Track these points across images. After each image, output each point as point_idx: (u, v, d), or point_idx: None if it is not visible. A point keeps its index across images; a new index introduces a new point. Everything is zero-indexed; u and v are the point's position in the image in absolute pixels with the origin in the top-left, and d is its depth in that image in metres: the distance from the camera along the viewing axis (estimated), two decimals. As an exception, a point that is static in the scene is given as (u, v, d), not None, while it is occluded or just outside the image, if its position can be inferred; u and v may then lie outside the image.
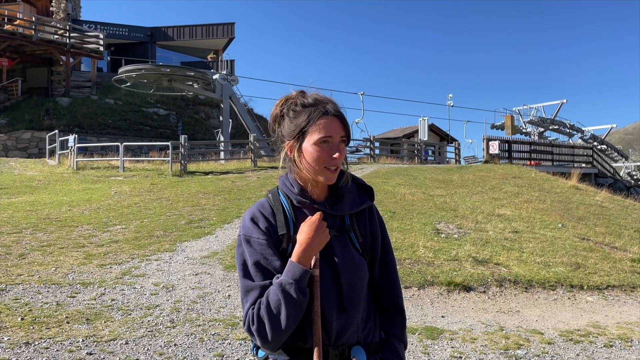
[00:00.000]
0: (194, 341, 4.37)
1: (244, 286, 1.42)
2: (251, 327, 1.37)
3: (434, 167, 19.44)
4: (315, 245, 1.38)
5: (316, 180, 1.46)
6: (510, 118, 32.92)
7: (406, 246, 7.69)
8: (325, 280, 1.42)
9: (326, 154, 1.41)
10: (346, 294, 1.43)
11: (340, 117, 1.44)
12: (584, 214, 11.81)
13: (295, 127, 1.44)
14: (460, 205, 11.21)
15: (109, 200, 11.01)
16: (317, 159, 1.41)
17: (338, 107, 1.46)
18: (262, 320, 1.35)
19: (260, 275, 1.41)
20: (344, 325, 1.43)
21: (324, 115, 1.42)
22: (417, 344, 4.63)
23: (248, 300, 1.40)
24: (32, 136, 21.53)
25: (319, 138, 1.41)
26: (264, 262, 1.42)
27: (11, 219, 8.94)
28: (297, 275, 1.34)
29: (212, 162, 19.04)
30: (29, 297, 5.23)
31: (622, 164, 38.84)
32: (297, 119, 1.44)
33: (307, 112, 1.43)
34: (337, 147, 1.42)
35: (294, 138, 1.45)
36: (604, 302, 6.44)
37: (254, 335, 1.37)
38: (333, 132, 1.42)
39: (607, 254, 8.37)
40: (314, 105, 1.44)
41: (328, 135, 1.41)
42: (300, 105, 1.45)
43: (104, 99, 25.62)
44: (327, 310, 1.41)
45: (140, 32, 33.11)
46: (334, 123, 1.42)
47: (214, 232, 8.35)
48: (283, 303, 1.33)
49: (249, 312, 1.38)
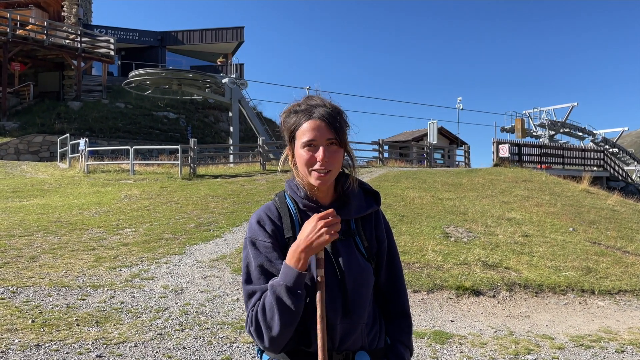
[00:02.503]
0: (202, 344, 4.39)
1: (246, 289, 1.43)
2: (250, 328, 1.38)
3: (443, 170, 19.36)
4: (304, 246, 1.32)
5: (310, 184, 1.46)
6: (520, 121, 32.74)
7: (415, 250, 7.66)
8: (329, 284, 1.41)
9: (311, 157, 1.42)
10: (350, 298, 1.43)
11: (326, 121, 1.43)
12: (595, 217, 11.70)
13: (287, 133, 1.49)
14: (470, 208, 11.15)
15: (119, 203, 11.08)
16: (304, 162, 1.43)
17: (328, 111, 1.45)
18: (259, 323, 1.35)
19: (263, 278, 1.41)
20: (348, 329, 1.43)
21: (308, 119, 1.44)
22: (426, 349, 4.61)
23: (250, 302, 1.41)
24: (43, 140, 21.73)
25: (304, 142, 1.43)
26: (267, 265, 1.42)
27: (23, 222, 9.03)
28: (288, 277, 1.32)
29: (221, 165, 19.10)
30: (39, 300, 5.28)
31: (634, 167, 38.41)
32: (288, 124, 1.48)
33: (295, 118, 1.46)
34: (321, 151, 1.41)
35: (288, 143, 1.50)
36: (616, 307, 6.37)
37: (253, 336, 1.38)
38: (316, 135, 1.42)
39: (618, 259, 8.28)
40: (303, 110, 1.46)
41: (311, 139, 1.42)
42: (293, 112, 1.48)
43: (115, 103, 25.82)
44: (331, 314, 1.41)
45: (151, 37, 33.35)
46: (317, 126, 1.43)
47: (222, 236, 8.38)
48: (275, 306, 1.32)
49: (249, 313, 1.39)
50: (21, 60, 25.46)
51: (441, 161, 28.63)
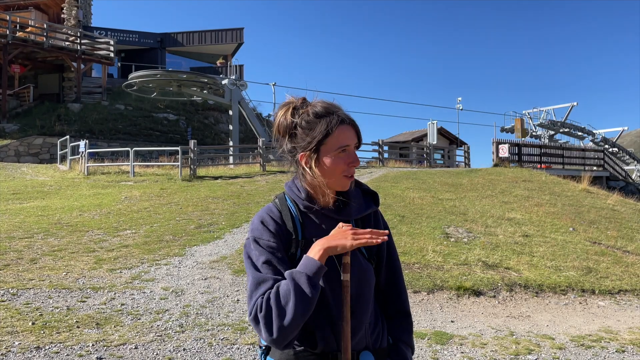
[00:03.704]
0: (202, 346, 4.38)
1: (255, 278, 1.38)
2: (258, 314, 1.31)
3: (443, 170, 19.36)
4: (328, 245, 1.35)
5: (330, 188, 1.46)
6: (520, 121, 32.77)
7: (415, 250, 7.66)
8: (333, 284, 1.42)
9: (344, 163, 1.43)
10: (353, 298, 1.43)
11: (353, 124, 1.46)
12: (595, 217, 11.70)
13: (311, 139, 1.43)
14: (470, 209, 11.15)
15: (119, 205, 11.09)
16: (336, 169, 1.43)
17: (348, 114, 1.47)
18: (270, 308, 1.31)
19: (271, 271, 1.39)
20: (352, 329, 1.43)
21: (341, 124, 1.43)
22: (427, 349, 4.61)
23: (259, 290, 1.36)
24: (43, 142, 21.75)
25: (339, 147, 1.42)
26: (275, 261, 1.40)
27: (23, 224, 9.03)
28: (309, 267, 1.32)
29: (222, 166, 19.10)
30: (39, 302, 5.28)
31: (634, 167, 38.41)
32: (313, 131, 1.43)
33: (324, 123, 1.42)
34: (353, 155, 1.45)
35: (310, 150, 1.43)
36: (616, 307, 6.37)
37: (260, 323, 1.31)
38: (350, 140, 1.43)
39: (619, 258, 8.28)
40: (328, 114, 1.43)
41: (346, 145, 1.43)
42: (313, 115, 1.44)
43: (115, 105, 25.84)
44: (335, 314, 1.41)
45: (150, 38, 33.35)
46: (349, 131, 1.44)
47: (223, 237, 8.38)
48: (292, 292, 1.29)
49: (257, 300, 1.34)
50: (21, 63, 25.48)
51: (441, 161, 28.63)
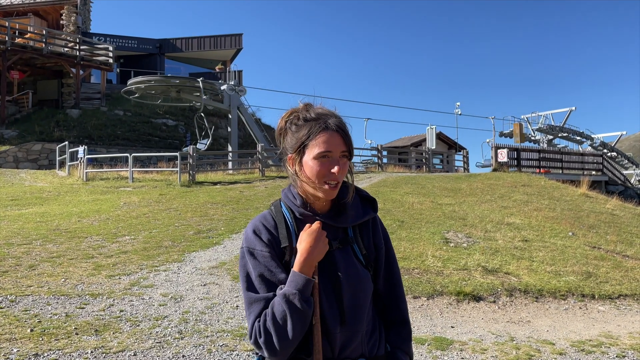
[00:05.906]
0: (202, 352, 4.36)
1: (247, 298, 1.42)
2: (258, 340, 1.36)
3: (442, 175, 19.37)
4: (315, 254, 1.38)
5: (315, 195, 1.45)
6: (518, 126, 32.81)
7: (415, 256, 7.65)
8: (328, 292, 1.41)
9: (325, 169, 1.41)
10: (349, 306, 1.42)
11: (341, 132, 1.43)
12: (594, 222, 11.70)
13: (296, 141, 1.44)
14: (469, 214, 11.15)
15: (118, 211, 11.07)
16: (316, 174, 1.41)
17: (341, 122, 1.45)
18: (270, 332, 1.34)
19: (264, 287, 1.41)
20: (348, 337, 1.42)
21: (324, 130, 1.41)
22: (427, 355, 4.59)
23: (252, 312, 1.39)
24: (42, 148, 21.73)
25: (319, 153, 1.40)
26: (268, 274, 1.41)
27: (21, 230, 9.01)
28: (300, 284, 1.34)
29: (220, 172, 19.09)
30: (38, 309, 5.25)
31: (633, 171, 38.48)
32: (299, 133, 1.44)
33: (308, 127, 1.43)
34: (336, 161, 1.41)
35: (295, 152, 1.45)
36: (616, 312, 6.35)
37: (262, 348, 1.36)
38: (333, 147, 1.41)
39: (618, 263, 8.28)
40: (316, 119, 1.43)
41: (327, 150, 1.40)
42: (302, 119, 1.45)
43: (114, 110, 25.84)
44: (330, 323, 1.40)
45: (149, 44, 33.41)
46: (334, 138, 1.41)
47: (222, 243, 8.36)
48: (288, 314, 1.33)
49: (254, 324, 1.38)
50: (20, 69, 25.50)
51: (440, 166, 28.66)
